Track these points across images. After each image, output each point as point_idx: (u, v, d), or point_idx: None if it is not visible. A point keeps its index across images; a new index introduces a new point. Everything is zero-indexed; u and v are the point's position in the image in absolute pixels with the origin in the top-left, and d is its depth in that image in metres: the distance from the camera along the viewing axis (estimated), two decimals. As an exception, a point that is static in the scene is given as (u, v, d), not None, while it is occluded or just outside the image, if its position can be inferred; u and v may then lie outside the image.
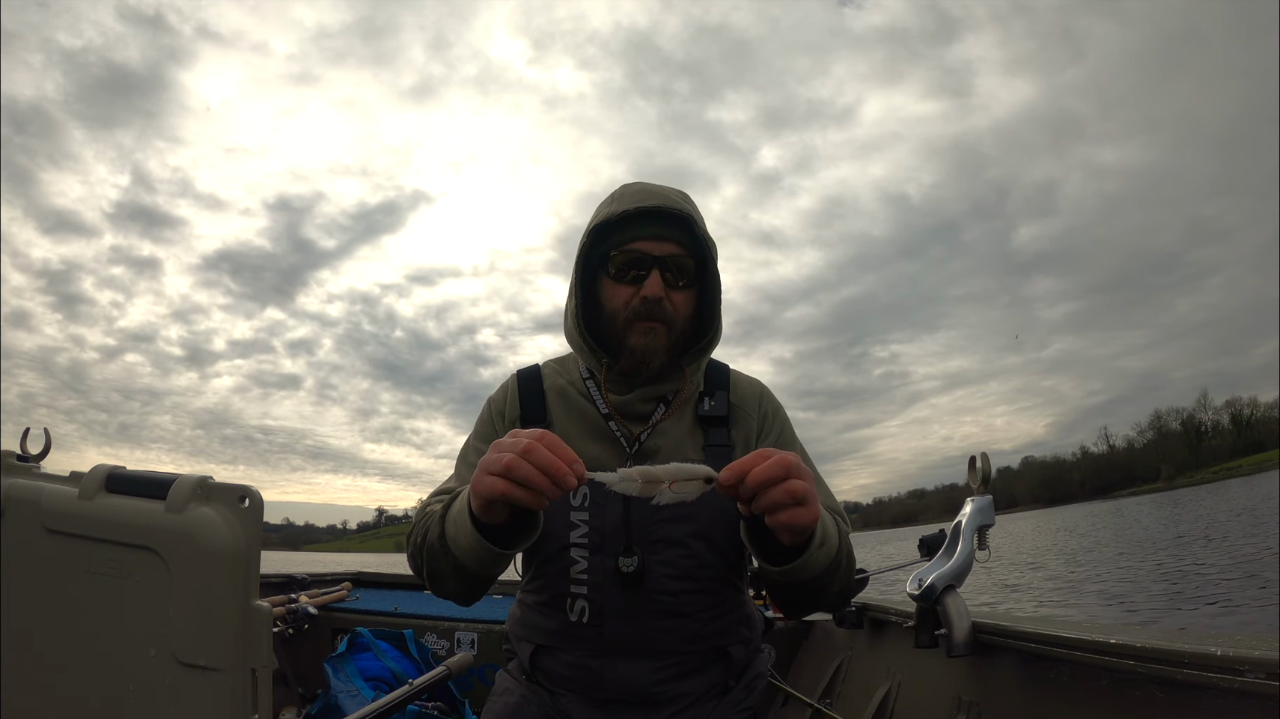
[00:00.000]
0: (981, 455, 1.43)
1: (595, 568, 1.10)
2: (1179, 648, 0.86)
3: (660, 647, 1.11)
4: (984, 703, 1.32)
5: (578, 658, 1.12)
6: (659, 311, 1.10)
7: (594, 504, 1.12)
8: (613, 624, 1.10)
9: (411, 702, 1.75)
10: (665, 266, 1.10)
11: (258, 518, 0.80)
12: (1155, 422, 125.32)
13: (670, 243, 1.11)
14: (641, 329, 1.10)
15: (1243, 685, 0.77)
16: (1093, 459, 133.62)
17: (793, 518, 0.81)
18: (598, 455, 1.14)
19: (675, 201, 1.12)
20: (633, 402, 1.16)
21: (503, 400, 1.24)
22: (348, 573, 3.28)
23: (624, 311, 1.11)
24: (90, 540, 0.82)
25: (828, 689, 2.07)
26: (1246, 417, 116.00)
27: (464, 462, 1.22)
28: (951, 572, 1.38)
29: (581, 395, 1.20)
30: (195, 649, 0.76)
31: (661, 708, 1.11)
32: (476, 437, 1.23)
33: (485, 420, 1.24)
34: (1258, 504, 25.75)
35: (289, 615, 2.50)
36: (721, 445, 1.17)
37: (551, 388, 1.22)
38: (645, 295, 1.09)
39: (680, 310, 1.12)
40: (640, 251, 1.10)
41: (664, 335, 1.11)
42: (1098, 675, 1.03)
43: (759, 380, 1.28)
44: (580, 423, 1.18)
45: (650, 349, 1.11)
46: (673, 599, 1.10)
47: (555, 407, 1.20)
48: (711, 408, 1.18)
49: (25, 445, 1.03)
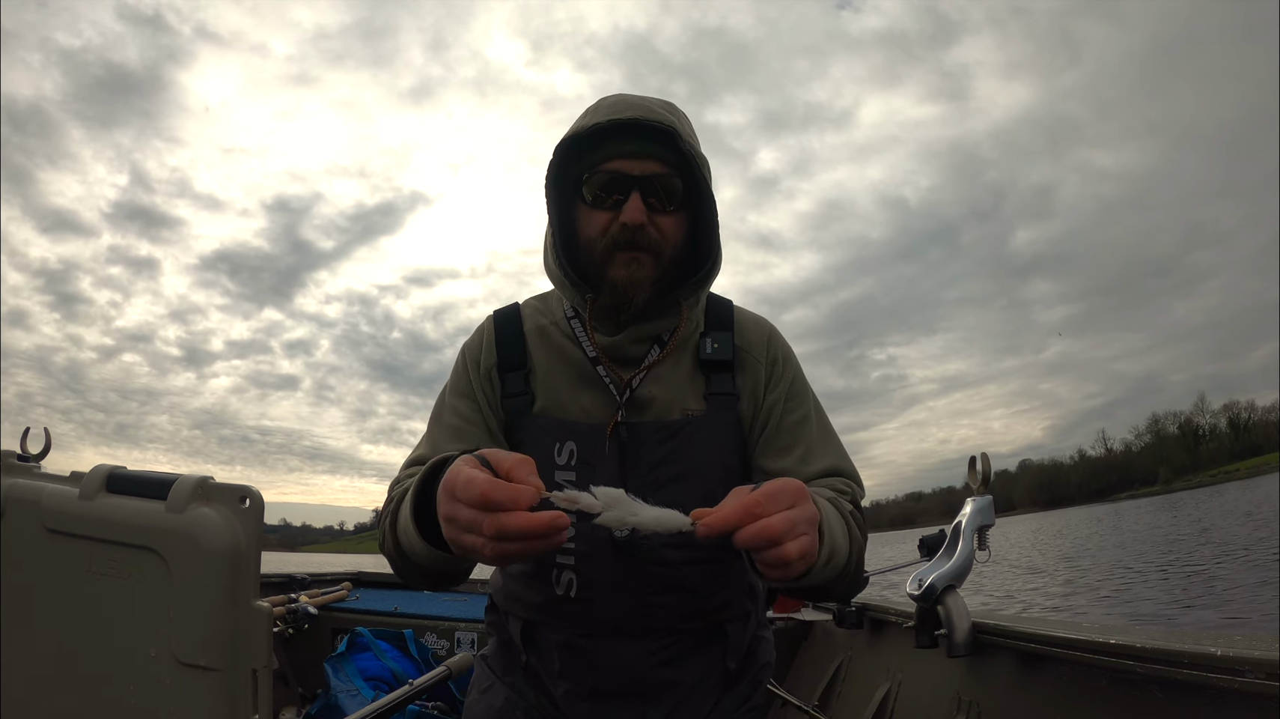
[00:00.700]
0: (981, 455, 1.43)
1: (584, 536, 0.96)
2: (1179, 648, 0.86)
3: (656, 624, 1.00)
4: (984, 703, 1.32)
5: (566, 637, 1.01)
6: (641, 238, 0.95)
7: (581, 463, 0.99)
8: (604, 599, 0.99)
9: (411, 702, 1.75)
10: (647, 188, 0.95)
11: (258, 518, 0.80)
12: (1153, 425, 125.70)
13: (653, 160, 0.96)
14: (623, 259, 0.96)
15: (1243, 685, 0.77)
16: (1091, 462, 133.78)
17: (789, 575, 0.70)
18: (586, 405, 1.02)
19: (657, 112, 0.96)
20: (623, 343, 1.02)
21: (478, 347, 1.10)
22: (348, 573, 3.28)
23: (602, 240, 0.97)
24: (91, 540, 0.82)
25: (828, 689, 2.07)
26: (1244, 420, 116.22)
27: (437, 422, 1.08)
28: (951, 572, 1.38)
29: (566, 337, 1.06)
30: (195, 649, 0.76)
31: (658, 697, 1.01)
32: (452, 392, 1.09)
33: (460, 372, 1.09)
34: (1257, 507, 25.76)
35: (289, 615, 2.51)
36: (726, 394, 1.03)
37: (532, 329, 1.08)
38: (624, 221, 0.94)
39: (668, 237, 0.98)
40: (617, 172, 0.95)
41: (650, 265, 0.97)
42: (1097, 675, 1.03)
43: (766, 320, 1.12)
44: (565, 368, 1.05)
45: (633, 281, 0.96)
46: (671, 571, 0.99)
47: (536, 350, 1.07)
48: (714, 350, 1.04)
49: (25, 445, 1.03)
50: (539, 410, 1.03)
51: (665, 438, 1.00)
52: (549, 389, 1.04)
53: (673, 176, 0.97)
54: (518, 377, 1.05)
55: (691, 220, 1.01)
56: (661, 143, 0.96)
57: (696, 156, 0.96)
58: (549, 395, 1.04)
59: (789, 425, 1.04)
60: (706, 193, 1.00)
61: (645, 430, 1.00)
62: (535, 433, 1.02)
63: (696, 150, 0.97)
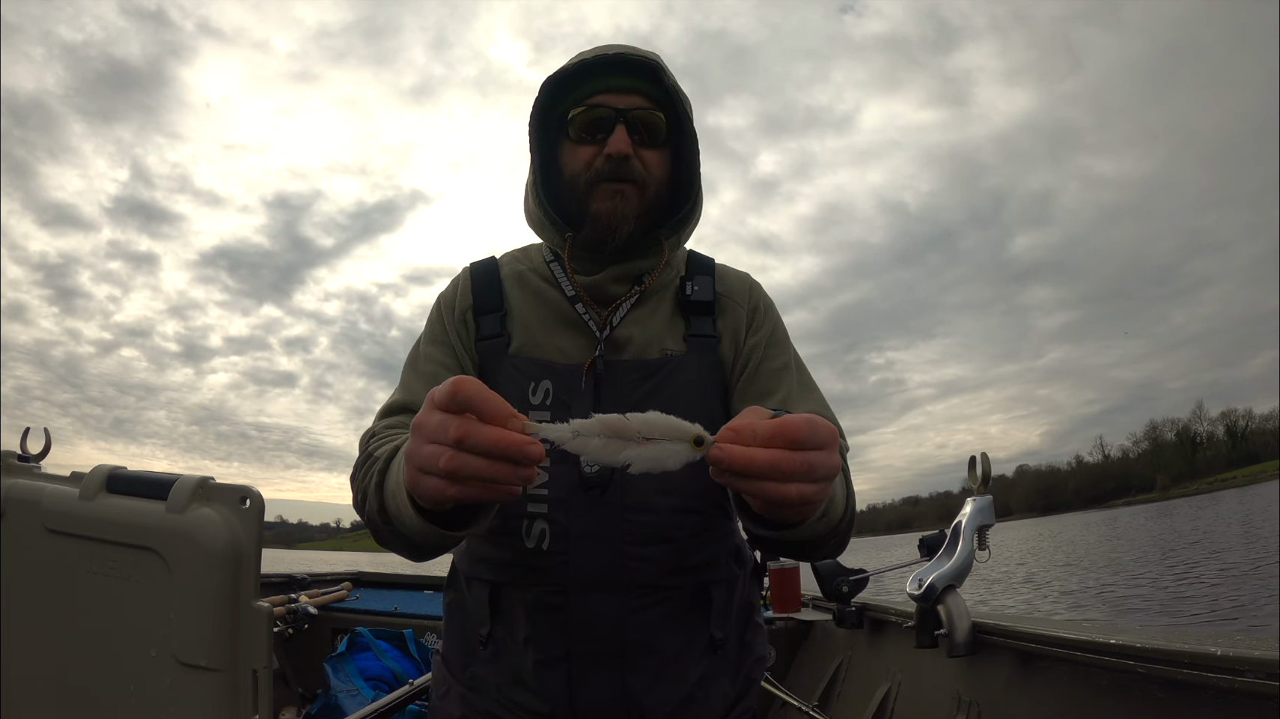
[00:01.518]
0: (981, 456, 1.44)
1: (559, 480, 0.92)
2: (1179, 648, 0.86)
3: (636, 579, 0.93)
4: (984, 703, 1.32)
5: (535, 595, 0.94)
6: (626, 170, 0.94)
7: (557, 401, 0.95)
8: (581, 551, 0.92)
9: (412, 702, 1.75)
10: (632, 122, 0.94)
11: (258, 518, 0.81)
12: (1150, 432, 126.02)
13: (637, 95, 0.95)
14: (606, 191, 0.94)
15: (1243, 685, 0.77)
16: (1088, 468, 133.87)
17: (800, 514, 0.65)
18: (563, 345, 0.99)
19: (640, 51, 0.96)
20: (603, 282, 1.00)
21: (453, 294, 1.07)
22: (348, 573, 3.28)
23: (586, 173, 0.95)
24: (91, 541, 0.82)
25: (828, 689, 2.07)
26: (1242, 428, 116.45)
27: (412, 370, 1.04)
28: (951, 572, 1.38)
29: (544, 280, 1.04)
30: (196, 649, 0.76)
31: (640, 662, 0.93)
32: (428, 340, 1.05)
33: (435, 320, 1.06)
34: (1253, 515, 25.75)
35: (289, 615, 2.51)
36: (706, 336, 1.01)
37: (509, 274, 1.06)
38: (609, 153, 0.93)
39: (653, 171, 0.97)
40: (602, 105, 0.94)
41: (634, 198, 0.95)
42: (1098, 675, 1.03)
43: (749, 274, 1.11)
44: (542, 309, 1.02)
45: (617, 214, 0.94)
46: (655, 519, 0.93)
47: (513, 293, 1.04)
48: (695, 292, 1.02)
49: (25, 445, 1.03)
50: (514, 350, 1.01)
51: (644, 377, 0.97)
52: (525, 329, 1.02)
53: (656, 112, 0.96)
54: (493, 319, 1.03)
55: (674, 160, 1.00)
56: (646, 79, 0.96)
57: (680, 93, 0.96)
58: (525, 335, 1.01)
59: (768, 371, 1.02)
60: (689, 132, 0.99)
61: (623, 369, 0.97)
62: (510, 372, 0.99)
63: (680, 90, 0.96)
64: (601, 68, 0.95)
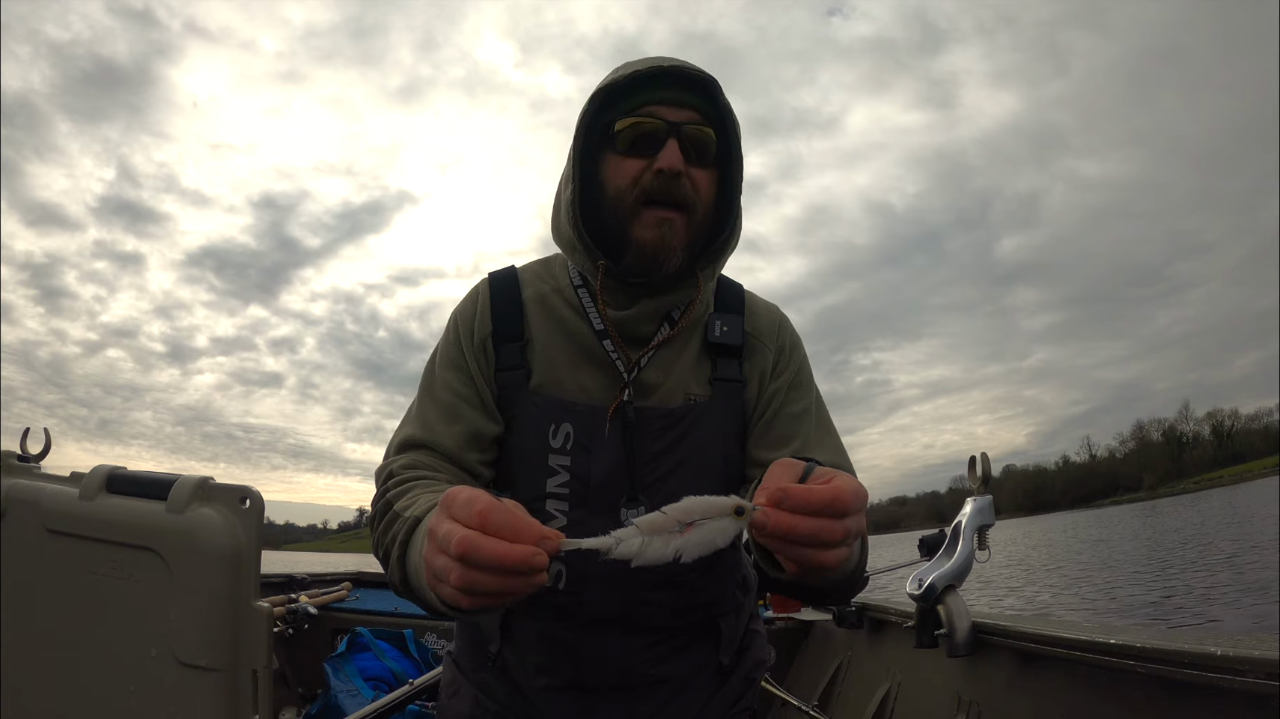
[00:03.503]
0: (982, 455, 1.44)
1: (577, 525, 0.90)
2: (1179, 648, 0.86)
3: (648, 621, 0.94)
4: (984, 703, 1.32)
5: (550, 630, 0.94)
6: (677, 189, 0.87)
7: (578, 446, 0.92)
8: (595, 593, 0.91)
9: (411, 702, 1.75)
10: (684, 137, 0.87)
11: (258, 519, 0.81)
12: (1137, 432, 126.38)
13: (690, 109, 0.88)
14: (653, 219, 0.87)
15: (1243, 685, 0.77)
16: (1075, 468, 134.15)
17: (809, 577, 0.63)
18: (586, 384, 0.94)
19: (693, 65, 0.89)
20: (635, 319, 0.93)
21: (471, 314, 1.00)
22: (348, 573, 3.28)
23: (632, 191, 0.88)
24: (91, 541, 0.82)
25: (828, 689, 2.07)
26: (1227, 428, 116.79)
27: (429, 396, 0.98)
28: (951, 572, 1.38)
29: (570, 307, 0.97)
30: (196, 649, 0.76)
31: (647, 693, 0.95)
32: (443, 364, 0.99)
33: (452, 341, 1.00)
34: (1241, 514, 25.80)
35: (289, 615, 2.51)
36: (732, 380, 0.97)
37: (532, 296, 0.99)
38: (661, 168, 0.85)
39: (702, 193, 0.90)
40: (655, 116, 0.87)
41: (681, 228, 0.88)
42: (1098, 675, 1.03)
43: (778, 307, 1.06)
44: (567, 343, 0.96)
45: (664, 244, 0.87)
46: (668, 567, 0.94)
47: (536, 321, 0.97)
48: (724, 334, 0.96)
49: (25, 445, 1.03)
50: (535, 387, 0.95)
51: (667, 426, 0.93)
52: (547, 364, 0.96)
53: (708, 128, 0.90)
54: (514, 348, 0.97)
55: (722, 186, 0.94)
56: (699, 95, 0.89)
57: (733, 114, 0.90)
58: (547, 371, 0.95)
59: (788, 416, 0.98)
60: (737, 155, 0.93)
61: (648, 416, 0.93)
62: (530, 410, 0.95)
63: (732, 109, 0.91)
64: (654, 79, 0.88)
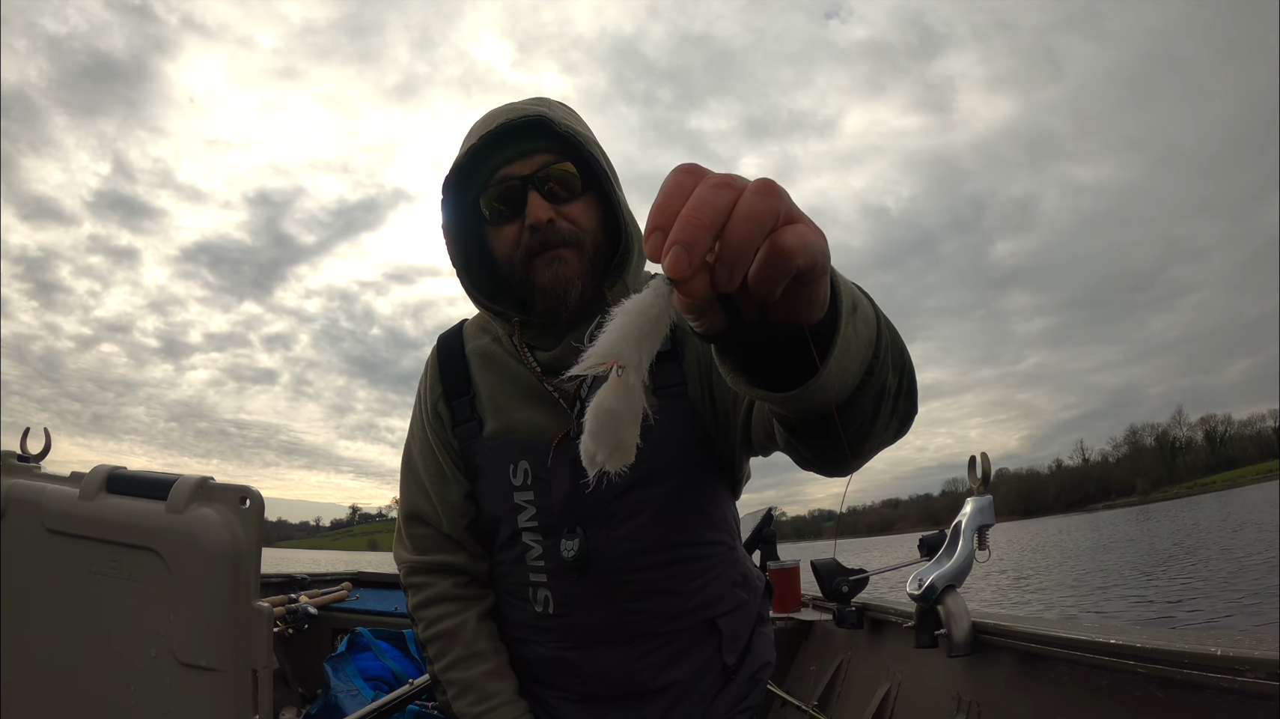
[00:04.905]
0: (982, 455, 1.43)
1: (550, 553, 0.98)
2: (1179, 648, 0.86)
3: (639, 630, 0.99)
4: (984, 703, 1.32)
5: (550, 650, 1.02)
6: (554, 235, 0.91)
7: (537, 480, 0.98)
8: (582, 613, 0.99)
9: (411, 702, 1.75)
10: (542, 183, 0.91)
11: (258, 518, 0.81)
12: (1130, 437, 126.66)
13: (540, 154, 0.91)
14: (543, 261, 0.91)
15: (1243, 685, 0.77)
16: (1068, 472, 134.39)
17: (810, 291, 0.43)
18: (536, 420, 1.00)
19: (523, 108, 0.92)
20: (563, 355, 0.97)
21: (424, 382, 1.09)
22: (348, 573, 3.28)
23: (517, 252, 0.92)
24: (91, 541, 0.82)
25: (828, 689, 2.07)
26: (1221, 433, 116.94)
27: (409, 471, 1.09)
28: (951, 572, 1.38)
29: (510, 355, 1.02)
30: (196, 649, 0.76)
31: (652, 697, 0.99)
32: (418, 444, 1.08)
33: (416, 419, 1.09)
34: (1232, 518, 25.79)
35: (289, 615, 2.51)
36: (673, 384, 0.97)
37: (474, 351, 1.06)
38: (530, 224, 0.90)
39: (583, 224, 0.93)
40: (506, 177, 0.91)
41: (573, 259, 0.92)
42: (1098, 675, 1.03)
43: None
44: (511, 387, 1.02)
45: (562, 279, 0.91)
46: (647, 577, 0.97)
47: (480, 374, 1.04)
48: None
49: (25, 445, 1.03)
50: (489, 434, 1.02)
51: None
52: (497, 410, 1.02)
53: (563, 164, 0.92)
54: (464, 403, 1.04)
55: (605, 205, 0.96)
56: (542, 135, 0.91)
57: (577, 136, 0.91)
58: (498, 417, 1.02)
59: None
60: (605, 171, 0.94)
61: None
62: (489, 457, 1.02)
63: (576, 130, 0.92)
64: (496, 142, 0.91)
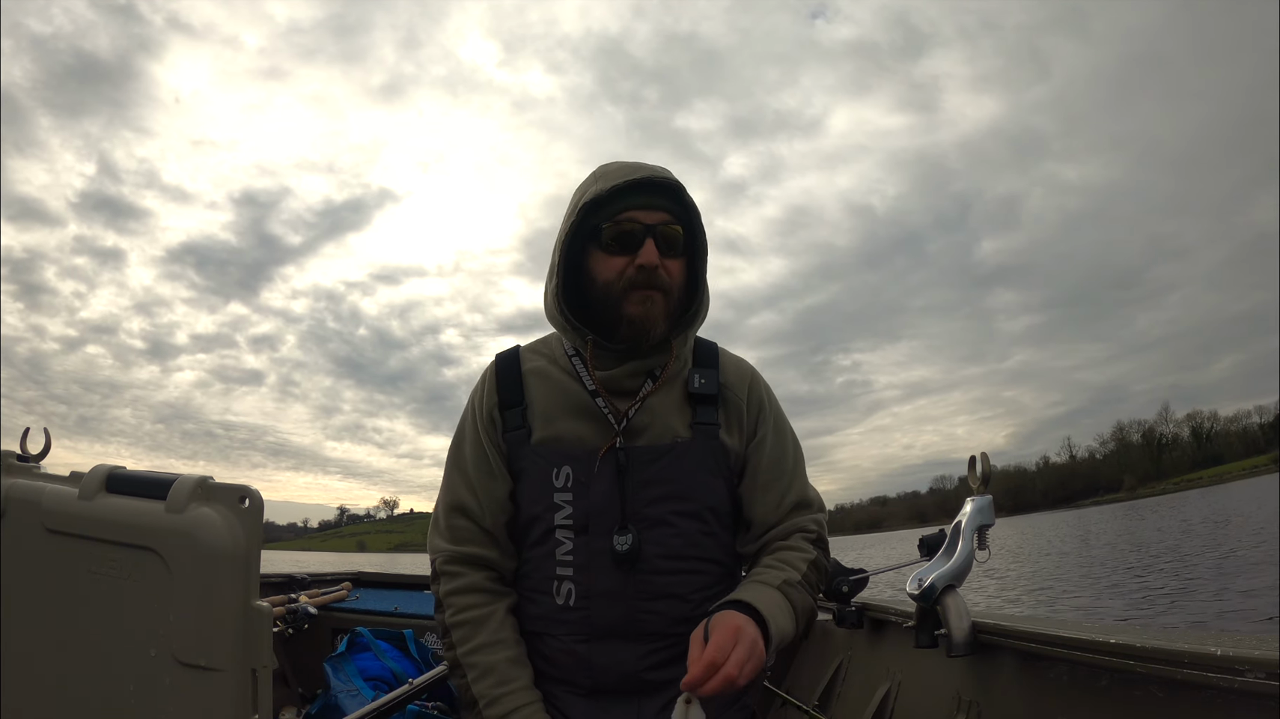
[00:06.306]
0: (982, 455, 1.43)
1: (581, 549, 1.11)
2: (1179, 648, 0.86)
3: (649, 629, 1.11)
4: (984, 703, 1.32)
5: (564, 643, 1.12)
6: (655, 279, 1.09)
7: (577, 483, 1.12)
8: (600, 607, 1.10)
9: (411, 701, 1.75)
10: (658, 235, 1.10)
11: (258, 518, 0.81)
12: (1117, 433, 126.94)
13: (661, 211, 1.11)
14: (638, 298, 1.09)
15: (1243, 685, 0.77)
16: (1055, 469, 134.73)
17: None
18: (582, 434, 1.14)
19: (662, 172, 1.13)
20: (620, 377, 1.15)
21: (480, 392, 1.22)
22: (348, 573, 3.28)
23: (619, 282, 1.10)
24: (91, 540, 0.82)
25: (828, 689, 2.07)
26: (1207, 430, 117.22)
27: (455, 468, 1.20)
28: (951, 572, 1.38)
29: (565, 373, 1.18)
30: (195, 649, 0.76)
31: (652, 696, 1.10)
32: (469, 443, 1.21)
33: (469, 420, 1.22)
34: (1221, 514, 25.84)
35: (289, 615, 2.50)
36: (709, 423, 1.17)
37: (531, 370, 1.21)
38: (641, 264, 1.08)
39: (675, 277, 1.12)
40: (633, 221, 1.10)
41: (661, 303, 1.11)
42: (1098, 675, 1.03)
43: (747, 362, 1.27)
44: (563, 400, 1.17)
45: (649, 317, 1.10)
46: (663, 580, 1.11)
47: (534, 388, 1.19)
48: (701, 385, 1.18)
49: (25, 445, 1.04)
50: (537, 441, 1.15)
51: (654, 458, 1.13)
52: (546, 421, 1.16)
53: (676, 225, 1.11)
54: (516, 413, 1.18)
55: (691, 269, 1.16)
56: (666, 197, 1.12)
57: (695, 209, 1.13)
58: (546, 427, 1.16)
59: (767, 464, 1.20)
60: (702, 243, 1.15)
61: (638, 453, 1.13)
62: (534, 459, 1.15)
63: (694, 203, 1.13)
64: (633, 187, 1.10)
